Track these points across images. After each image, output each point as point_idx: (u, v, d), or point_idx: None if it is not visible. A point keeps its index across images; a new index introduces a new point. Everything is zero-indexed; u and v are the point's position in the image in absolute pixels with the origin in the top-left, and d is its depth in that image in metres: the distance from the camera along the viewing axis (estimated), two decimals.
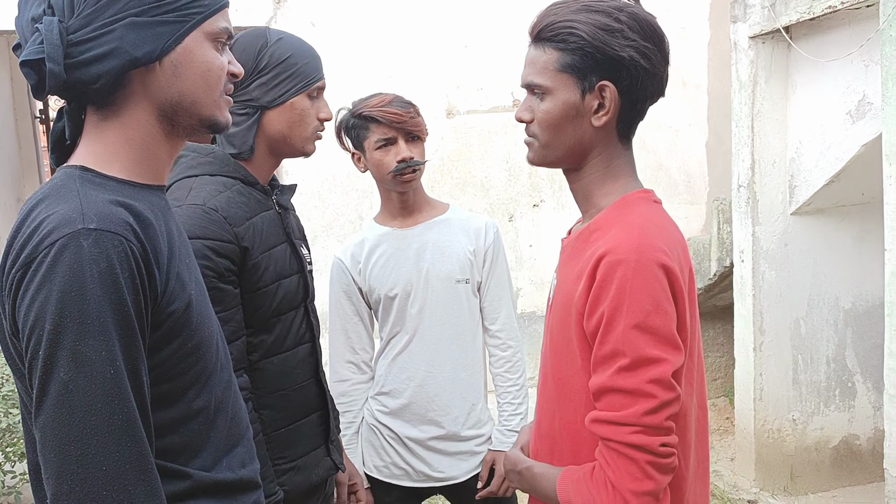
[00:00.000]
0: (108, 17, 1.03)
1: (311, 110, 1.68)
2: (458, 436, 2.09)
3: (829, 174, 3.28)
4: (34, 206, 1.01)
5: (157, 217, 1.07)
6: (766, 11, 3.31)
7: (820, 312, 3.65)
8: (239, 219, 1.58)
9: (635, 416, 1.11)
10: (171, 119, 1.10)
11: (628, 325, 1.11)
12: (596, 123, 1.24)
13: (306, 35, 5.00)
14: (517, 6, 4.89)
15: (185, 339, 1.08)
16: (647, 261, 1.13)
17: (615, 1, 1.24)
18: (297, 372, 1.71)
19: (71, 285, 0.94)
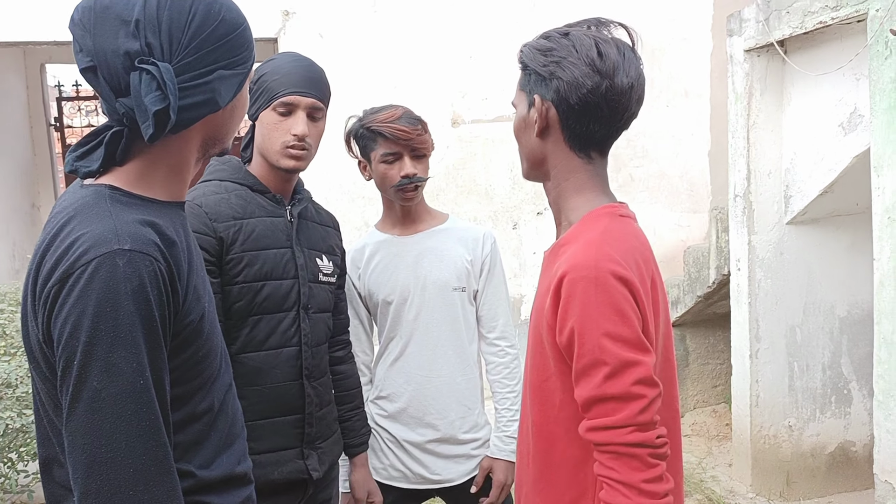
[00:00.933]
0: (203, 65, 1.11)
1: (281, 125, 1.76)
2: (455, 439, 2.15)
3: (823, 184, 3.35)
4: (65, 223, 1.08)
5: (179, 234, 1.16)
6: (760, 26, 3.39)
7: (815, 320, 3.71)
8: (224, 216, 1.71)
9: (630, 417, 1.18)
10: (207, 147, 1.21)
11: (599, 337, 1.19)
12: (534, 136, 1.35)
13: (314, 47, 5.08)
14: (522, 17, 4.98)
15: (198, 348, 1.16)
16: (605, 275, 1.20)
17: (584, 28, 1.33)
18: (277, 372, 1.77)
19: (106, 301, 1.02)
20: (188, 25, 1.10)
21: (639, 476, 1.18)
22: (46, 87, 7.82)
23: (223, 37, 1.12)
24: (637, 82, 1.31)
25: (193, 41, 1.10)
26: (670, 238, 5.26)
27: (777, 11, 3.30)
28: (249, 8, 4.32)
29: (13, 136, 7.02)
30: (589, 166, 1.35)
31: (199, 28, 1.10)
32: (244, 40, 1.17)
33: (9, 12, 4.34)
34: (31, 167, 7.42)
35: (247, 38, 1.18)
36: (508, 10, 4.97)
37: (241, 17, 1.18)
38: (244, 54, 1.17)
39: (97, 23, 1.09)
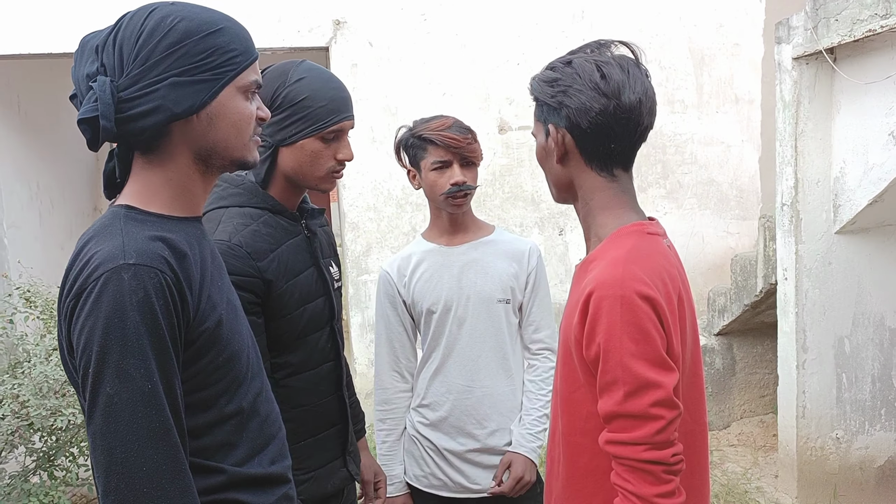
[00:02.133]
0: (153, 76, 1.17)
1: (326, 151, 1.72)
2: (495, 449, 2.17)
3: (873, 194, 3.30)
4: (86, 243, 1.19)
5: (192, 246, 1.24)
6: (808, 33, 3.35)
7: (864, 331, 3.65)
8: (263, 252, 1.66)
9: (646, 436, 1.23)
10: (206, 161, 1.26)
11: (623, 356, 1.23)
12: (555, 162, 1.41)
13: (364, 55, 5.18)
14: (569, 25, 5.00)
15: (217, 353, 1.24)
16: (630, 294, 1.24)
17: (586, 53, 1.38)
18: (321, 388, 1.79)
19: (114, 313, 1.11)
20: (137, 40, 1.18)
21: (652, 490, 1.23)
22: None
23: (173, 45, 1.17)
24: (645, 96, 1.35)
25: (140, 53, 1.17)
26: (719, 245, 5.21)
27: (825, 19, 3.26)
28: (301, 18, 4.44)
29: (75, 142, 7.29)
30: (613, 184, 1.40)
31: (147, 40, 1.17)
32: (206, 46, 1.19)
33: (73, 24, 4.54)
34: (93, 171, 7.70)
35: (211, 43, 1.20)
36: (556, 17, 4.99)
37: (204, 24, 1.20)
38: (208, 60, 1.19)
39: (78, 56, 1.22)
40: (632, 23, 5.04)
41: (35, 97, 6.00)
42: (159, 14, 1.20)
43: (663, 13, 5.08)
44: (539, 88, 1.39)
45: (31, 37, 4.56)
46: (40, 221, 5.83)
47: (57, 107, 6.59)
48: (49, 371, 3.23)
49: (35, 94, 6.00)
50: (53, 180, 6.19)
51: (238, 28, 1.26)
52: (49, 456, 3.42)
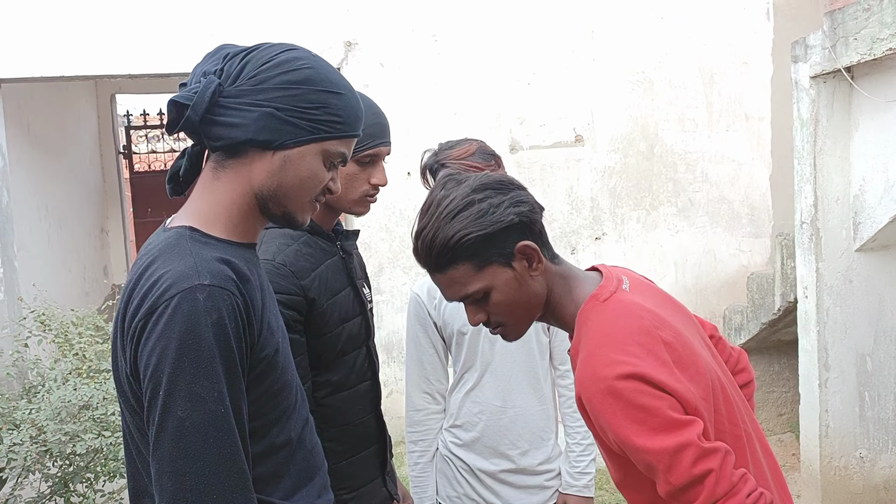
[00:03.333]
0: (256, 98, 1.19)
1: (361, 175, 1.74)
2: (529, 469, 2.16)
3: (893, 211, 3.29)
4: (150, 263, 1.17)
5: (252, 273, 1.23)
6: (826, 52, 3.37)
7: (887, 349, 3.63)
8: (305, 271, 1.69)
9: (710, 497, 1.20)
10: (263, 201, 1.25)
11: (637, 442, 1.22)
12: (535, 275, 1.35)
13: (375, 76, 5.22)
14: (580, 44, 5.02)
15: (273, 381, 1.22)
16: (610, 384, 1.23)
17: (453, 187, 1.34)
18: (359, 407, 1.81)
19: (189, 333, 1.09)
20: (262, 64, 1.20)
21: None
22: (116, 116, 8.13)
23: (290, 83, 1.19)
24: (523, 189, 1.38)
25: (258, 75, 1.19)
26: (731, 263, 5.21)
27: (844, 38, 3.27)
28: (313, 39, 4.46)
29: (85, 163, 7.30)
30: (559, 263, 1.39)
31: (270, 68, 1.20)
32: (317, 99, 1.21)
33: (82, 47, 4.55)
34: (100, 193, 7.70)
35: (323, 100, 1.21)
36: (566, 36, 5.02)
37: (327, 82, 1.22)
38: (311, 112, 1.20)
39: (209, 56, 1.25)
40: (641, 42, 5.06)
41: (45, 120, 6.01)
42: (296, 54, 1.23)
43: (672, 32, 5.10)
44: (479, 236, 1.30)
45: (41, 60, 4.56)
46: (49, 243, 5.82)
47: (66, 129, 6.60)
48: (68, 395, 3.20)
49: (45, 117, 6.01)
50: (62, 202, 6.18)
51: (356, 102, 1.27)
52: (65, 482, 3.37)
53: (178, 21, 4.60)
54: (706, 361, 1.35)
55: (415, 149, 5.20)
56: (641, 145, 5.10)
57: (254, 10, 4.71)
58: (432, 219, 1.31)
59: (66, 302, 4.80)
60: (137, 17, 4.58)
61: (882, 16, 3.07)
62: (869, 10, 3.13)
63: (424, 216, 1.34)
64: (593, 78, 5.04)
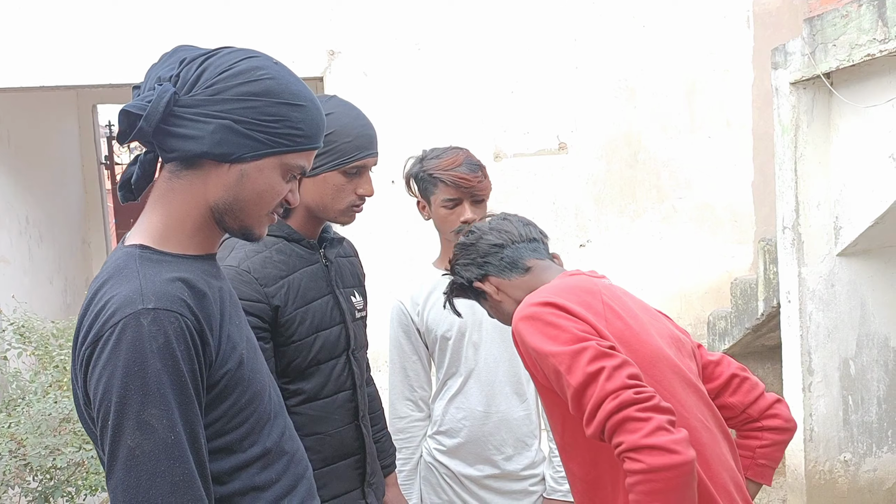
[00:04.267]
0: (212, 109, 1.14)
1: (348, 186, 1.74)
2: (513, 475, 2.16)
3: (874, 216, 3.32)
4: (100, 287, 1.14)
5: (211, 285, 1.20)
6: (806, 58, 3.40)
7: (869, 353, 3.65)
8: (272, 278, 1.68)
9: (602, 391, 1.27)
10: (219, 214, 1.21)
11: (545, 349, 1.38)
12: (499, 298, 1.70)
13: (358, 85, 5.21)
14: (562, 52, 5.03)
15: (240, 395, 1.19)
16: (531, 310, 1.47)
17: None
18: (336, 417, 1.78)
19: (133, 361, 1.06)
20: (221, 72, 1.15)
21: (636, 435, 1.23)
22: (98, 126, 8.07)
23: (249, 94, 1.15)
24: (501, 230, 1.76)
25: (216, 84, 1.14)
26: (715, 269, 5.22)
27: (823, 45, 3.31)
28: (296, 48, 4.47)
29: (66, 175, 7.24)
30: (532, 273, 1.68)
31: (228, 77, 1.15)
32: (277, 112, 1.16)
33: (63, 57, 4.52)
34: (82, 204, 7.64)
35: (283, 113, 1.17)
36: (549, 45, 5.03)
37: (288, 93, 1.17)
38: (270, 125, 1.16)
39: (165, 58, 1.21)
40: (623, 50, 5.09)
41: (24, 130, 5.95)
42: (257, 62, 1.18)
43: (654, 40, 5.13)
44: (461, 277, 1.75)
45: (21, 70, 4.52)
46: (30, 255, 5.75)
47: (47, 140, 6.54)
48: (48, 408, 3.16)
49: (24, 128, 5.96)
50: (43, 214, 6.12)
51: (317, 114, 1.23)
52: (46, 496, 3.33)
53: (158, 31, 4.58)
54: (654, 345, 1.46)
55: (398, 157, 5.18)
56: (625, 152, 5.11)
57: (235, 19, 4.70)
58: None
59: (47, 314, 4.75)
60: (118, 26, 4.56)
61: (860, 22, 3.10)
62: (847, 16, 3.16)
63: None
64: (576, 86, 5.06)
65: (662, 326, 1.55)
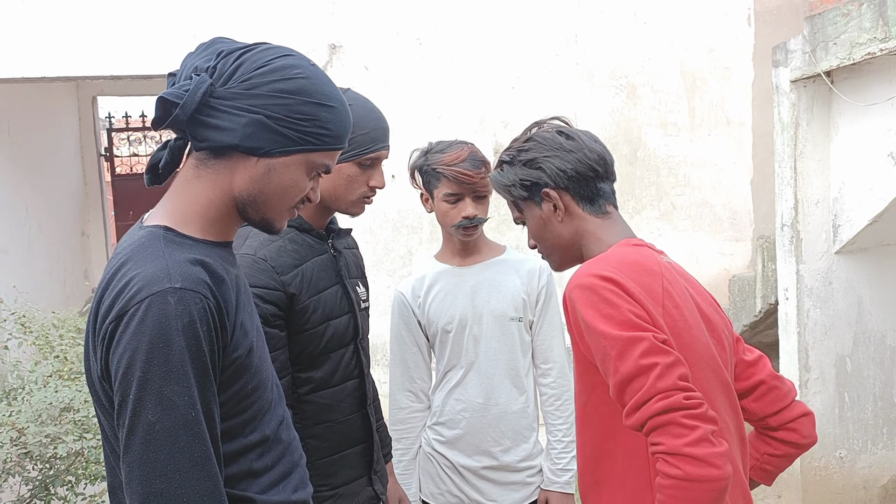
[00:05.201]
0: (246, 104, 1.17)
1: (361, 177, 1.78)
2: (511, 466, 2.19)
3: (873, 214, 3.34)
4: (122, 264, 1.16)
5: (228, 272, 1.22)
6: (807, 56, 3.41)
7: (866, 350, 3.67)
8: (287, 267, 1.71)
9: (650, 388, 1.23)
10: (243, 205, 1.24)
11: (599, 327, 1.31)
12: (560, 218, 1.53)
13: (359, 79, 5.22)
14: (563, 48, 5.04)
15: (247, 381, 1.22)
16: (590, 280, 1.37)
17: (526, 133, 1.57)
18: (344, 405, 1.82)
19: (158, 337, 1.08)
20: (257, 67, 1.18)
21: (679, 441, 1.20)
22: (98, 118, 8.07)
23: (282, 91, 1.18)
24: (602, 145, 1.55)
25: (252, 79, 1.17)
26: (713, 266, 5.24)
27: (824, 43, 3.32)
28: (297, 42, 4.48)
29: (65, 167, 7.24)
30: (609, 220, 1.53)
31: (264, 73, 1.18)
32: (308, 111, 1.19)
33: (63, 48, 4.52)
34: (81, 196, 7.64)
35: (314, 112, 1.20)
36: (550, 41, 5.04)
37: (320, 94, 1.21)
38: (301, 123, 1.19)
39: (202, 48, 1.22)
40: (624, 47, 5.10)
41: (24, 121, 5.96)
42: (292, 61, 1.21)
43: (655, 37, 5.14)
44: (513, 171, 1.53)
45: (22, 61, 4.52)
46: (29, 246, 5.76)
47: (47, 132, 6.55)
48: (48, 397, 3.17)
49: (24, 118, 5.96)
50: (42, 204, 6.12)
51: (346, 116, 1.26)
52: (45, 485, 3.34)
53: (160, 22, 4.58)
54: (704, 343, 1.41)
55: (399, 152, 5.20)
56: (624, 149, 5.13)
57: (238, 11, 4.70)
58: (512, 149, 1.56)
59: (47, 304, 4.75)
60: (119, 17, 4.56)
61: (861, 21, 3.11)
62: (848, 15, 3.18)
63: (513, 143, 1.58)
64: (577, 82, 5.07)
65: (713, 317, 1.49)
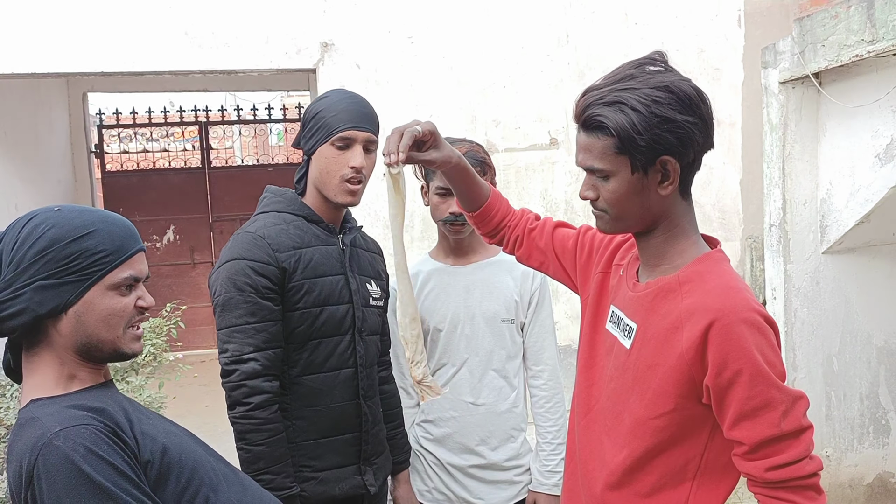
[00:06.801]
0: (22, 281, 1.25)
1: (339, 159, 1.84)
2: (498, 465, 2.19)
3: (860, 215, 3.37)
4: (11, 449, 1.22)
5: (107, 403, 1.28)
6: (795, 58, 3.43)
7: (853, 349, 3.70)
8: (285, 246, 1.81)
9: (806, 449, 1.25)
10: (87, 353, 1.30)
11: (771, 377, 1.23)
12: (662, 193, 1.33)
13: (351, 77, 5.20)
14: (554, 48, 5.06)
15: (178, 475, 1.27)
16: (756, 318, 1.25)
17: (649, 75, 1.31)
18: (336, 392, 1.86)
19: (69, 477, 1.14)
20: (13, 247, 1.27)
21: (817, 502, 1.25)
22: (88, 115, 8.03)
23: (40, 252, 1.25)
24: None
25: (14, 259, 1.25)
26: None
27: (812, 44, 3.34)
28: (289, 40, 4.46)
29: (56, 163, 7.21)
30: (690, 207, 1.40)
31: (20, 248, 1.26)
32: (70, 251, 1.26)
33: (54, 44, 4.51)
34: (72, 193, 7.61)
35: (76, 248, 1.26)
36: (542, 41, 5.06)
37: (72, 230, 1.27)
38: (73, 264, 1.26)
39: None
40: (615, 47, 5.11)
41: (15, 118, 5.93)
42: (34, 223, 1.28)
43: (646, 38, 5.16)
44: (644, 125, 1.27)
45: (12, 57, 4.50)
46: None
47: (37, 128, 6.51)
48: None
49: (15, 115, 5.94)
50: (32, 201, 6.09)
51: (112, 228, 1.31)
52: None
53: (151, 19, 4.57)
54: None
55: None
56: None
57: (229, 9, 4.70)
58: (623, 86, 1.29)
59: None
60: (110, 14, 4.54)
61: (849, 23, 3.14)
62: (836, 17, 3.20)
63: (616, 79, 1.32)
64: (568, 82, 5.09)
65: None
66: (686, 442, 1.34)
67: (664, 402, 1.32)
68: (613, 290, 1.50)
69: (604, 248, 1.59)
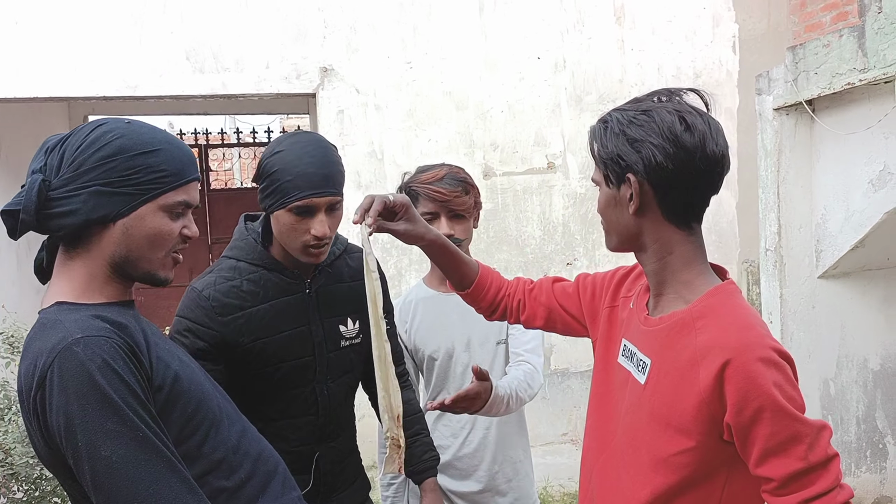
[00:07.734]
0: (80, 182, 1.25)
1: (299, 226, 1.68)
2: (498, 489, 2.18)
3: (854, 239, 3.40)
4: (28, 347, 1.23)
5: (129, 321, 1.29)
6: (789, 85, 3.48)
7: (849, 373, 3.72)
8: (231, 308, 1.70)
9: (835, 479, 1.24)
10: (120, 268, 1.30)
11: (794, 411, 1.23)
12: (629, 211, 1.34)
13: (350, 101, 5.22)
14: (551, 73, 5.12)
15: (185, 404, 1.28)
16: (773, 355, 1.24)
17: (663, 104, 1.33)
18: (293, 438, 1.79)
19: (81, 385, 1.15)
20: (77, 147, 1.26)
21: None
22: None
23: (104, 158, 1.25)
24: (726, 149, 1.34)
25: (76, 160, 1.25)
26: None
27: (805, 72, 3.39)
28: (289, 65, 4.50)
29: None
30: (691, 237, 1.36)
31: (84, 150, 1.25)
32: (134, 164, 1.26)
33: (55, 68, 4.55)
34: None
35: (140, 162, 1.27)
36: (539, 67, 5.11)
37: (140, 144, 1.27)
38: (133, 177, 1.26)
39: (36, 153, 1.31)
40: (612, 73, 5.18)
41: (16, 140, 5.97)
42: (104, 129, 1.28)
43: (643, 64, 5.23)
44: (614, 138, 1.33)
45: (14, 81, 4.55)
46: (18, 265, 5.75)
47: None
48: None
49: (16, 138, 5.98)
50: None
51: (177, 152, 1.32)
52: None
53: (152, 44, 4.63)
54: None
55: (390, 174, 5.22)
56: None
57: (230, 35, 4.75)
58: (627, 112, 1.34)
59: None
60: (111, 39, 4.60)
61: (841, 52, 3.19)
62: (829, 45, 3.25)
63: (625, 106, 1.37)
64: (565, 107, 5.14)
65: None
66: (709, 478, 1.33)
67: (685, 439, 1.31)
68: (624, 324, 1.48)
69: (607, 284, 1.59)
